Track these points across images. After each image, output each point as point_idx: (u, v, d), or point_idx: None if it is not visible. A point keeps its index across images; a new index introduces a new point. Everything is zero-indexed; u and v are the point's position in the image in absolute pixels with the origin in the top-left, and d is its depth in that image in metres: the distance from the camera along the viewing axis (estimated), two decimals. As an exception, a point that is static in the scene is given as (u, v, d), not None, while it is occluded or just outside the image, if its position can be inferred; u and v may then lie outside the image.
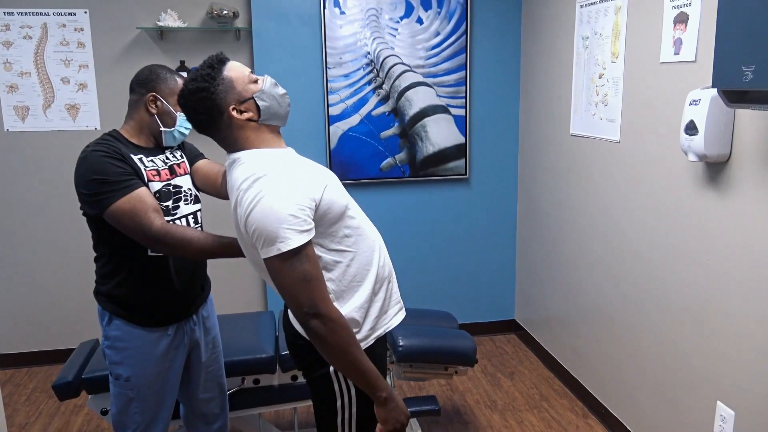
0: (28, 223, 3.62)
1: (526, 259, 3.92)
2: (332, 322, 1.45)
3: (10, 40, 3.43)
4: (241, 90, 1.54)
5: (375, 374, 1.52)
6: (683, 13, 2.25)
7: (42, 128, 3.53)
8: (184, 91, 1.54)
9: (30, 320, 3.70)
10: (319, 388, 1.64)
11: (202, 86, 1.51)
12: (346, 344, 1.47)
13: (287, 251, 1.40)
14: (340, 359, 1.49)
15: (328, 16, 3.56)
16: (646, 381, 2.63)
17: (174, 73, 1.95)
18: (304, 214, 1.43)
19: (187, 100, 1.55)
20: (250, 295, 3.91)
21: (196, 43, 3.58)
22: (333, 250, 1.52)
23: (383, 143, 3.74)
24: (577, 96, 3.11)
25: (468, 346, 2.65)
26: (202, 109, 1.53)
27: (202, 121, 1.56)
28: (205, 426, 2.23)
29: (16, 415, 3.15)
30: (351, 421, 1.63)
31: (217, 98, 1.52)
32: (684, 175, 2.31)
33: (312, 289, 1.43)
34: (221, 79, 1.53)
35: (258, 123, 1.56)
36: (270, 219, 1.40)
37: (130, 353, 1.95)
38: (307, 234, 1.43)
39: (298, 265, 1.42)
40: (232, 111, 1.53)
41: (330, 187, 1.52)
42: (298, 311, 1.45)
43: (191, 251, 1.83)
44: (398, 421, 1.56)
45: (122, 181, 1.79)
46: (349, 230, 1.55)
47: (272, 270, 1.45)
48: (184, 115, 1.88)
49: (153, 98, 1.90)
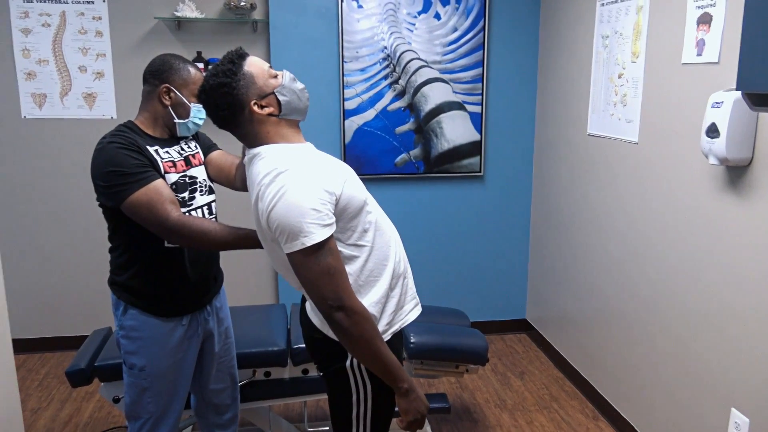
0: (44, 209, 3.64)
1: (539, 258, 3.90)
2: (356, 314, 1.45)
3: (29, 27, 3.44)
4: (261, 85, 1.54)
5: (397, 366, 1.53)
6: (707, 13, 2.22)
7: (59, 116, 3.55)
8: (206, 86, 1.54)
9: (44, 306, 3.73)
10: (335, 382, 1.65)
11: (224, 82, 1.51)
12: (370, 336, 1.48)
13: (311, 245, 1.41)
14: (364, 351, 1.49)
15: (346, 9, 3.54)
16: (659, 384, 2.61)
17: (186, 62, 1.94)
18: (326, 209, 1.43)
19: (208, 96, 1.54)
20: (262, 288, 3.91)
21: (213, 34, 3.58)
22: (351, 245, 1.52)
23: (398, 138, 3.73)
24: (595, 95, 3.08)
25: (480, 345, 2.64)
26: (224, 104, 1.52)
27: (223, 117, 1.55)
28: (216, 416, 2.24)
29: (29, 400, 3.18)
30: (366, 415, 1.64)
31: (238, 94, 1.51)
32: (704, 178, 2.29)
33: (335, 282, 1.44)
34: (242, 75, 1.52)
35: (278, 118, 1.56)
36: (293, 214, 1.40)
37: (144, 343, 1.95)
38: (329, 228, 1.43)
39: (321, 258, 1.42)
40: (254, 106, 1.53)
41: (349, 182, 1.52)
42: (321, 304, 1.45)
43: (208, 242, 1.83)
44: (419, 411, 1.57)
45: (139, 173, 1.79)
46: (367, 225, 1.55)
47: (296, 264, 1.45)
48: (198, 105, 1.89)
49: (166, 90, 1.90)
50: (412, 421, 1.58)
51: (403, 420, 1.58)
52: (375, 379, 1.60)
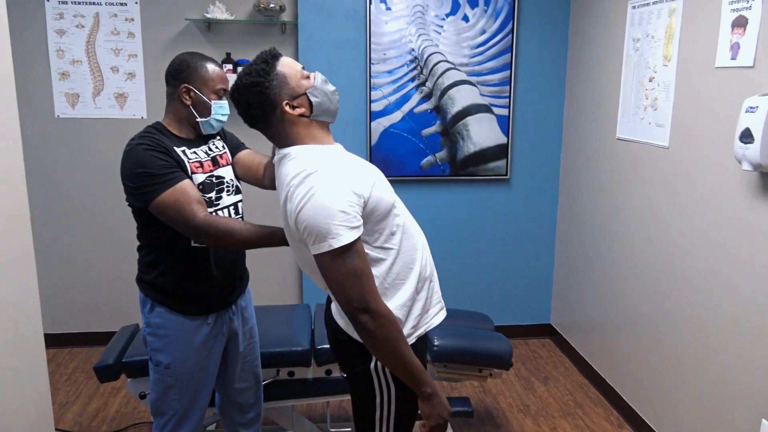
0: (75, 207, 3.71)
1: (564, 263, 3.86)
2: (381, 317, 1.45)
3: (64, 28, 3.51)
4: (294, 86, 1.54)
5: (421, 369, 1.52)
6: (742, 16, 2.18)
7: (91, 115, 3.61)
8: (239, 85, 1.55)
9: (73, 302, 3.80)
10: (358, 384, 1.65)
11: (257, 81, 1.52)
12: (395, 339, 1.48)
13: (338, 247, 1.41)
14: (388, 354, 1.49)
15: (374, 11, 3.55)
16: (687, 393, 2.56)
17: (204, 59, 1.94)
18: (354, 211, 1.43)
19: (241, 95, 1.55)
20: (286, 288, 3.94)
21: (242, 36, 3.61)
22: (378, 247, 1.52)
23: (424, 141, 3.72)
24: (625, 99, 3.04)
25: (504, 349, 2.62)
26: (256, 103, 1.53)
27: (254, 116, 1.56)
28: (240, 415, 2.26)
29: (57, 394, 3.24)
30: (390, 418, 1.64)
31: (270, 93, 1.52)
32: (736, 184, 2.24)
33: (362, 284, 1.44)
34: (275, 74, 1.53)
35: (309, 119, 1.57)
36: (321, 215, 1.40)
37: (170, 341, 1.98)
38: (357, 230, 1.44)
39: (348, 261, 1.42)
40: (285, 106, 1.54)
41: (378, 184, 1.52)
42: (347, 306, 1.46)
43: (234, 241, 1.84)
44: (441, 416, 1.56)
45: (166, 173, 1.82)
46: (395, 228, 1.55)
47: (323, 266, 1.45)
48: (219, 102, 1.91)
49: (186, 89, 1.92)
50: (435, 426, 1.57)
51: (426, 425, 1.58)
52: (399, 382, 1.60)
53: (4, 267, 1.71)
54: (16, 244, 1.78)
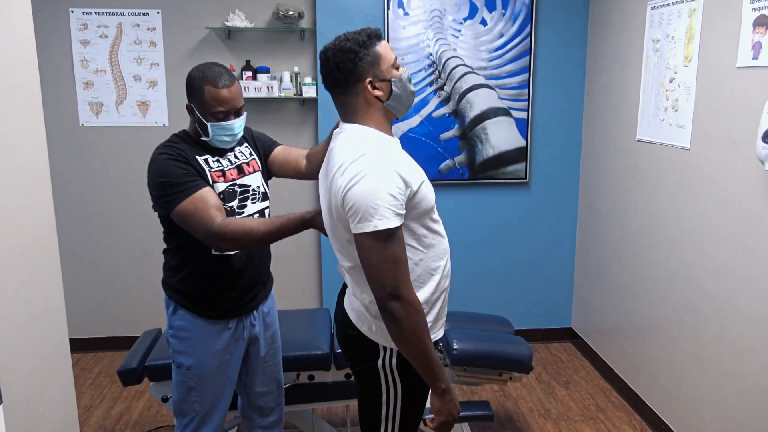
0: (100, 214, 3.77)
1: (585, 266, 3.83)
2: (411, 306, 1.47)
3: (88, 38, 3.58)
4: (383, 69, 1.57)
5: (439, 365, 1.54)
6: (764, 15, 2.15)
7: (114, 123, 3.68)
8: (335, 47, 1.56)
9: (98, 308, 3.86)
10: (365, 381, 1.67)
11: (353, 48, 1.54)
12: (421, 331, 1.49)
13: (383, 230, 1.43)
14: (411, 344, 1.50)
15: (392, 17, 3.57)
16: (712, 399, 2.52)
17: (210, 79, 1.87)
18: (402, 198, 1.46)
19: (334, 55, 1.55)
20: (307, 292, 3.96)
21: (261, 43, 3.65)
22: (407, 245, 1.53)
23: (443, 145, 3.72)
24: (645, 100, 3.01)
25: (524, 353, 2.61)
26: (344, 69, 1.55)
27: (336, 79, 1.57)
28: (261, 418, 2.28)
29: (82, 398, 3.29)
30: (395, 415, 1.64)
31: (360, 65, 1.54)
32: (759, 186, 2.21)
33: (398, 271, 1.46)
34: (372, 51, 1.56)
35: (383, 104, 1.59)
36: (372, 195, 1.43)
37: (192, 343, 2.01)
38: (400, 218, 1.46)
39: (390, 246, 1.44)
40: (368, 84, 1.56)
41: (426, 183, 1.56)
42: (380, 291, 1.47)
43: (253, 240, 1.83)
44: (450, 414, 1.58)
45: (186, 182, 1.84)
46: (427, 231, 1.58)
47: (363, 247, 1.47)
48: (219, 124, 1.88)
49: (190, 108, 1.94)
50: (444, 422, 1.58)
51: (435, 420, 1.59)
52: (406, 381, 1.61)
53: (31, 273, 1.75)
54: (42, 250, 1.82)
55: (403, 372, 1.61)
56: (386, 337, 1.58)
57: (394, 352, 1.61)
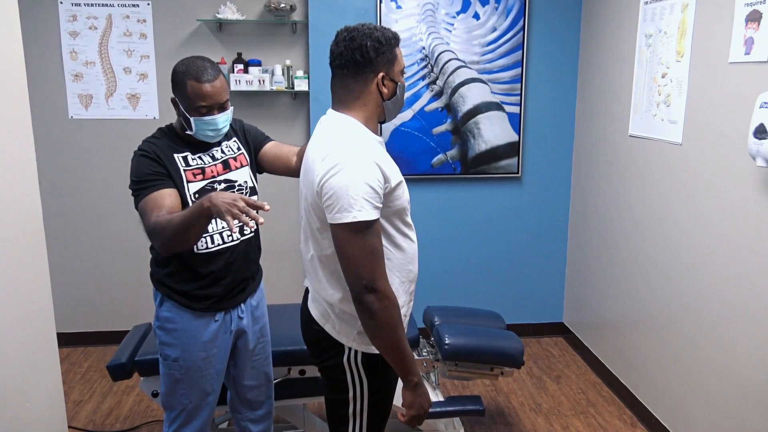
0: (88, 206, 3.74)
1: (577, 261, 3.83)
2: (387, 299, 1.47)
3: (77, 30, 3.54)
4: (395, 71, 1.60)
5: (412, 358, 1.55)
6: (756, 11, 2.15)
7: (104, 116, 3.64)
8: (365, 31, 1.55)
9: (87, 302, 3.83)
10: (331, 378, 1.67)
11: (381, 40, 1.55)
12: (395, 324, 1.50)
13: (362, 221, 1.43)
14: (385, 337, 1.50)
15: (384, 10, 3.55)
16: (702, 394, 2.54)
17: (194, 74, 1.86)
18: (380, 192, 1.47)
19: (361, 37, 1.54)
20: (298, 286, 3.94)
21: (253, 36, 3.62)
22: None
23: (435, 139, 3.71)
24: (637, 96, 3.01)
25: (515, 348, 2.61)
26: (364, 54, 1.54)
27: (354, 60, 1.55)
28: (250, 412, 2.27)
29: (71, 392, 3.27)
30: (363, 412, 1.64)
31: (379, 58, 1.55)
32: (751, 181, 2.22)
33: (375, 263, 1.46)
34: (393, 50, 1.58)
35: (383, 101, 1.60)
36: (351, 186, 1.43)
37: (179, 335, 2.00)
38: (377, 211, 1.47)
39: (368, 238, 1.45)
40: (381, 77, 1.57)
41: (403, 184, 1.57)
42: (356, 283, 1.47)
43: (173, 230, 1.71)
44: (422, 407, 1.58)
45: (148, 181, 1.85)
46: (396, 232, 1.58)
47: (341, 238, 1.46)
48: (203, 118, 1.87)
49: (174, 102, 1.94)
50: (415, 415, 1.58)
51: (406, 413, 1.59)
52: (372, 377, 1.61)
53: (18, 267, 1.73)
54: (29, 244, 1.80)
55: (369, 368, 1.61)
56: (349, 337, 1.59)
57: (358, 350, 1.61)
